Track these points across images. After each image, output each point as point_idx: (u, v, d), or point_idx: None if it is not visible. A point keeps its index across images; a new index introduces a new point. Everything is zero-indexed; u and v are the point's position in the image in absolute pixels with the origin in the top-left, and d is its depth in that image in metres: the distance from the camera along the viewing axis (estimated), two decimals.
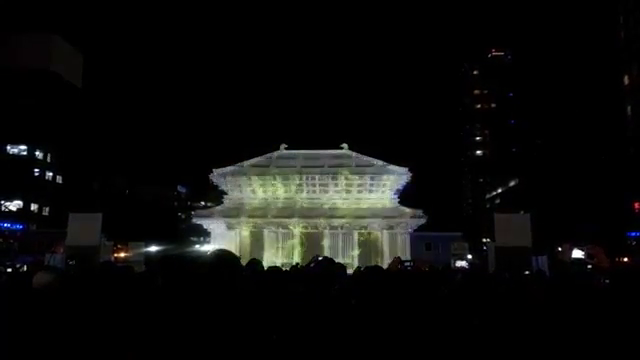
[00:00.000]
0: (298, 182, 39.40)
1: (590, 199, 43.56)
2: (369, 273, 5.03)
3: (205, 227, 42.10)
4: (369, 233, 38.31)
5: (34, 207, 65.04)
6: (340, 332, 2.95)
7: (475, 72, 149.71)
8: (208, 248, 37.70)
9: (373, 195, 39.38)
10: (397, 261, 8.35)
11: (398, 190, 40.57)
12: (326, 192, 39.12)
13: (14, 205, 57.86)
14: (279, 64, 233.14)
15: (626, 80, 68.58)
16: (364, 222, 37.93)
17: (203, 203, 78.85)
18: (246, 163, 41.30)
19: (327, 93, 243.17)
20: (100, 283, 4.46)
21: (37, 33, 68.61)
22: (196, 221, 42.19)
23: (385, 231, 38.01)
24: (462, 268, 17.26)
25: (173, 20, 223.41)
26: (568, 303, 3.41)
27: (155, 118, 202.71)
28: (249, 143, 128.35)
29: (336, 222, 37.86)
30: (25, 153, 65.23)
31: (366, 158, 41.14)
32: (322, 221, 37.72)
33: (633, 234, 47.08)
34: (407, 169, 39.95)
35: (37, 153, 67.27)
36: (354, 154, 41.82)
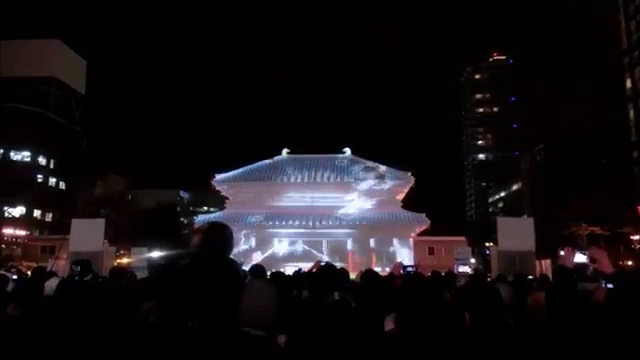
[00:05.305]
0: (300, 187, 39.42)
1: (593, 202, 43.36)
2: (367, 278, 5.04)
3: None
4: (372, 237, 38.25)
5: (37, 213, 65.13)
6: (342, 335, 2.95)
7: (477, 76, 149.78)
8: None
9: (376, 199, 39.33)
10: (399, 266, 8.32)
11: (401, 194, 40.54)
12: (329, 197, 39.09)
13: (17, 211, 57.96)
14: (281, 68, 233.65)
15: (628, 84, 68.54)
16: (367, 227, 37.87)
17: (206, 208, 78.85)
18: (248, 168, 41.36)
19: (329, 97, 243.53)
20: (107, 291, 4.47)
21: (40, 39, 68.96)
22: (198, 225, 42.16)
23: (388, 235, 37.95)
24: (465, 273, 17.18)
25: (176, 26, 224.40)
26: (568, 309, 3.40)
27: (157, 123, 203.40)
28: (251, 148, 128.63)
29: (338, 227, 37.84)
30: (28, 159, 65.40)
31: (369, 162, 41.15)
32: (324, 226, 37.69)
33: (637, 237, 46.89)
34: (410, 173, 39.96)
35: (40, 159, 67.45)
36: (357, 158, 41.86)
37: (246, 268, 6.67)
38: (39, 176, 66.26)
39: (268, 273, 7.03)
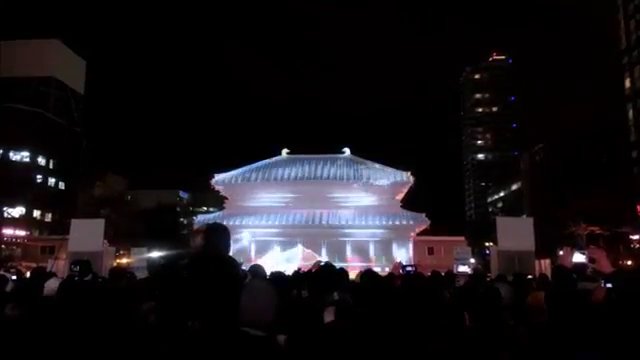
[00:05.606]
0: (300, 187, 39.39)
1: (593, 202, 43.37)
2: (367, 278, 5.04)
3: None
4: (371, 238, 38.24)
5: (36, 213, 65.11)
6: (342, 336, 2.96)
7: (477, 76, 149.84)
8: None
9: (375, 199, 39.34)
10: (398, 266, 8.33)
11: (400, 194, 40.55)
12: (328, 197, 39.09)
13: (17, 211, 57.92)
14: (281, 68, 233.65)
15: (627, 84, 68.57)
16: (366, 227, 37.87)
17: (205, 208, 78.86)
18: (248, 168, 41.35)
19: (329, 97, 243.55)
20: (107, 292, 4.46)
21: (40, 40, 68.96)
22: (198, 227, 42.05)
23: (387, 235, 37.96)
24: (464, 273, 17.17)
25: (176, 25, 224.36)
26: (568, 309, 3.40)
27: (157, 123, 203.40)
28: (251, 148, 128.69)
29: (338, 227, 37.82)
30: (28, 159, 65.36)
31: (368, 162, 41.17)
32: (324, 226, 37.69)
33: (637, 237, 46.91)
34: (409, 173, 39.94)
35: (39, 159, 67.41)
36: (356, 158, 41.85)
37: (245, 268, 6.67)
38: (38, 176, 66.21)
39: (268, 273, 7.02)
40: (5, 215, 52.85)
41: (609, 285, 3.44)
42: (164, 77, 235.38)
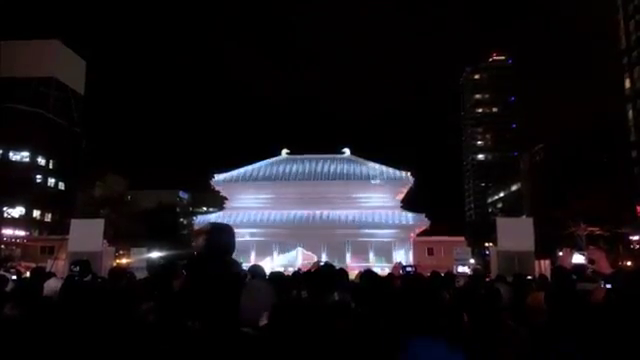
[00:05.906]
0: (299, 187, 39.38)
1: (593, 202, 43.33)
2: (366, 278, 5.04)
3: None
4: (371, 238, 38.21)
5: (36, 213, 65.10)
6: (342, 336, 2.96)
7: (477, 77, 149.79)
8: None
9: (375, 200, 39.32)
10: (398, 266, 8.34)
11: (400, 194, 40.54)
12: (328, 197, 39.07)
13: (16, 212, 57.90)
14: (281, 69, 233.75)
15: (627, 84, 68.59)
16: (366, 227, 37.85)
17: (205, 209, 78.86)
18: (248, 168, 41.35)
19: (329, 97, 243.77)
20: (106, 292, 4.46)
21: (40, 40, 68.96)
22: (200, 226, 42.00)
23: (387, 236, 37.93)
24: (464, 274, 17.17)
25: (176, 26, 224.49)
26: (568, 309, 3.40)
27: (157, 124, 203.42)
28: (251, 148, 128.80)
29: (338, 227, 37.80)
30: (27, 160, 65.36)
31: (368, 163, 41.16)
32: (324, 226, 37.65)
33: (637, 237, 46.88)
34: (409, 173, 39.93)
35: (39, 160, 67.40)
36: (356, 159, 41.85)
37: (245, 268, 6.67)
38: (38, 176, 66.19)
39: (267, 273, 7.02)
40: (5, 215, 52.80)
41: (609, 286, 3.45)
42: (164, 77, 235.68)
